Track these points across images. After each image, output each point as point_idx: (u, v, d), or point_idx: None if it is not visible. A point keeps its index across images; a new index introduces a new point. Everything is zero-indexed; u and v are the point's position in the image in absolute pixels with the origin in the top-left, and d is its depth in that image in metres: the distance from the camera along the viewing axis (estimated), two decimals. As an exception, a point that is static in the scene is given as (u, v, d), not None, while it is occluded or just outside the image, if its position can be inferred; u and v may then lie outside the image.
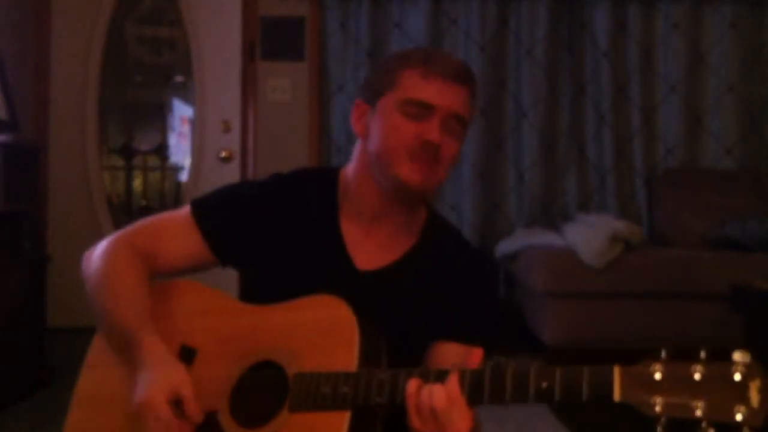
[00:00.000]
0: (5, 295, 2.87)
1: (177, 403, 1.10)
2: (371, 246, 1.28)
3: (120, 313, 1.21)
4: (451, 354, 1.21)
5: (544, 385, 0.93)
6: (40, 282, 3.12)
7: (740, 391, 0.83)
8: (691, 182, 4.11)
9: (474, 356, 1.04)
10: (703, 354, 0.87)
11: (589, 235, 3.46)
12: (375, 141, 1.23)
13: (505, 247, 3.90)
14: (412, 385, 1.01)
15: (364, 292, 1.21)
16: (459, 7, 4.23)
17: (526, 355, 3.66)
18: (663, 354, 0.88)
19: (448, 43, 4.23)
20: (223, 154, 4.19)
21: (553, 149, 4.26)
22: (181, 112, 4.42)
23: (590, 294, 3.43)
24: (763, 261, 3.41)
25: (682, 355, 0.89)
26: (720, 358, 0.88)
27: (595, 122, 4.28)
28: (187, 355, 1.21)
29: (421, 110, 1.19)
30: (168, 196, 4.44)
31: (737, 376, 0.83)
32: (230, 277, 1.39)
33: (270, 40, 4.19)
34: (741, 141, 4.29)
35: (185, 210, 1.32)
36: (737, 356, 0.84)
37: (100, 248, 1.29)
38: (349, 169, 1.32)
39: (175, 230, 1.30)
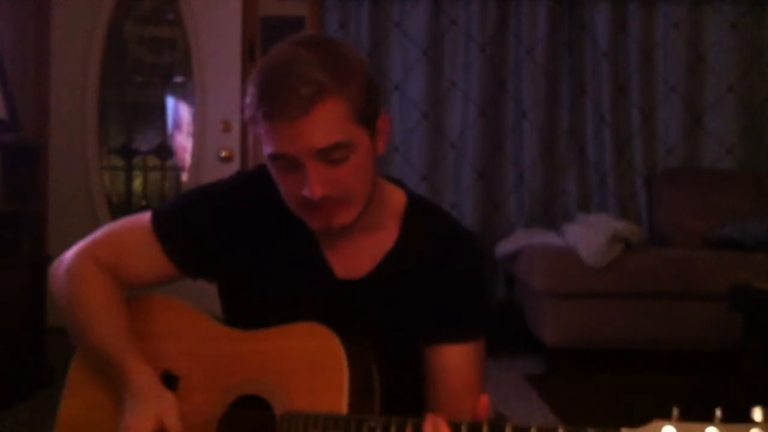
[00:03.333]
0: (5, 295, 2.86)
1: None
2: (350, 251, 1.19)
3: (98, 338, 1.16)
4: (452, 356, 1.17)
5: None
6: (40, 282, 3.12)
7: None
8: (691, 182, 4.11)
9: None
10: (718, 414, 0.79)
11: (589, 235, 3.46)
12: None
13: (505, 247, 3.90)
14: None
15: (348, 304, 1.16)
16: (459, 7, 4.23)
17: (526, 355, 3.66)
18: (674, 413, 0.81)
19: (448, 43, 4.23)
20: (223, 154, 4.20)
21: (553, 149, 4.26)
22: (181, 112, 4.41)
23: (590, 294, 3.43)
24: (763, 261, 3.40)
25: (695, 415, 0.82)
26: (734, 403, 0.81)
27: (595, 122, 4.28)
28: (168, 383, 1.16)
29: (284, 161, 1.06)
30: (168, 197, 4.43)
31: None
32: (211, 287, 1.31)
33: (270, 40, 4.19)
34: (741, 141, 4.29)
35: (146, 220, 1.23)
36: (757, 415, 0.77)
37: (65, 264, 1.23)
38: None
39: (137, 245, 1.22)
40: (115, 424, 1.12)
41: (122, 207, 4.34)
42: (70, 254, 1.24)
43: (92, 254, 1.22)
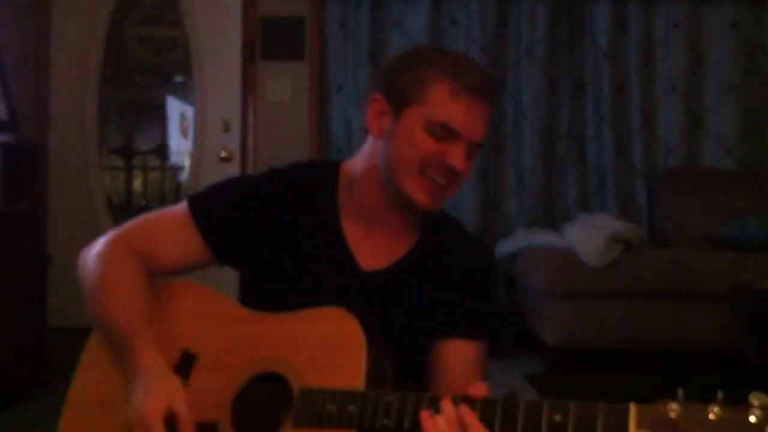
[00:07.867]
0: (5, 295, 2.86)
1: (171, 420, 1.07)
2: (374, 245, 1.25)
3: (117, 317, 1.19)
4: (458, 351, 1.23)
5: (557, 418, 0.92)
6: (40, 282, 3.12)
7: None
8: (691, 182, 4.11)
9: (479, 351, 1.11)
10: (719, 395, 0.85)
11: (589, 235, 3.46)
12: (392, 148, 1.19)
13: (505, 247, 3.90)
14: (449, 408, 0.98)
15: (369, 293, 1.20)
16: (459, 7, 4.23)
17: (526, 355, 3.66)
18: (679, 394, 0.87)
19: (449, 43, 4.23)
20: (223, 154, 4.19)
21: (553, 149, 4.26)
22: (181, 112, 4.41)
23: (590, 294, 3.43)
24: (763, 261, 3.40)
25: (698, 396, 0.88)
26: (734, 396, 0.87)
27: (595, 122, 4.28)
28: (187, 361, 1.19)
29: (447, 133, 1.15)
30: (168, 196, 4.43)
31: (753, 419, 0.82)
32: (230, 275, 1.36)
33: (270, 40, 4.19)
34: (741, 141, 4.29)
35: (182, 207, 1.29)
36: (754, 399, 0.83)
37: (97, 248, 1.26)
38: (355, 165, 1.27)
39: (172, 229, 1.28)
40: (124, 405, 1.13)
41: (122, 207, 4.35)
42: (102, 238, 1.28)
43: (124, 238, 1.27)
